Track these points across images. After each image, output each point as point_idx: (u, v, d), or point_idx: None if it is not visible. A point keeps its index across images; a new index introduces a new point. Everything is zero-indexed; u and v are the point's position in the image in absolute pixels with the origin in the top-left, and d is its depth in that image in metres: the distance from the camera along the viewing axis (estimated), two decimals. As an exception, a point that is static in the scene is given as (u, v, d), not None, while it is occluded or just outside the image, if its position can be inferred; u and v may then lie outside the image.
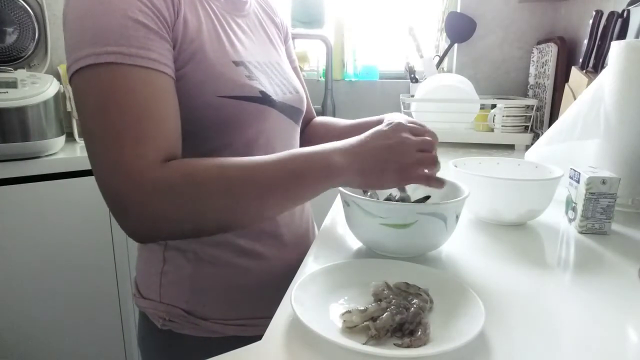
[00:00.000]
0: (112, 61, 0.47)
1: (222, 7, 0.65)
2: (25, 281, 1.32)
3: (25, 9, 1.50)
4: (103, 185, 0.48)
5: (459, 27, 1.76)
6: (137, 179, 0.46)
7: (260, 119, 0.63)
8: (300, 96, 0.73)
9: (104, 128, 0.47)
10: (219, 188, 0.49)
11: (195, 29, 0.57)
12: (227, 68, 0.59)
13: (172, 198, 0.48)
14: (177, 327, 0.65)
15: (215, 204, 0.49)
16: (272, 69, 0.69)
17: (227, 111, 0.59)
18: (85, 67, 0.48)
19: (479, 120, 1.48)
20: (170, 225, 0.50)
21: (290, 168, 0.51)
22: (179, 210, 0.48)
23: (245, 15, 0.70)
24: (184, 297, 0.65)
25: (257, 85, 0.62)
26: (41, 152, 1.32)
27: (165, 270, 0.66)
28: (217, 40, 0.60)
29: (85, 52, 0.48)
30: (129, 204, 0.47)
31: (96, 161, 0.49)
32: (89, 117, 0.48)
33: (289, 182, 0.51)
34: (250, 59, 0.64)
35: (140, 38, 0.49)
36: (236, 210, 0.50)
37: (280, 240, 0.69)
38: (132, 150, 0.47)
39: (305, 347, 0.41)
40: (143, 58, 0.49)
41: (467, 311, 0.44)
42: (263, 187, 0.50)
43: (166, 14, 0.53)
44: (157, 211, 0.48)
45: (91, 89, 0.48)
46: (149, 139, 0.48)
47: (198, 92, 0.56)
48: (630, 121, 0.77)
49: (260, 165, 0.51)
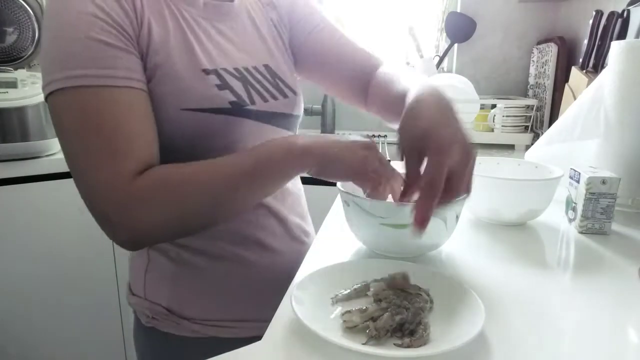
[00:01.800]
0: (80, 84, 0.49)
1: (198, 13, 0.62)
2: (25, 281, 1.32)
3: (25, 9, 1.50)
4: (88, 204, 0.51)
5: (459, 27, 1.76)
6: (116, 195, 0.49)
7: (229, 130, 0.61)
8: (290, 100, 0.70)
9: (79, 149, 0.50)
10: (194, 188, 0.52)
11: (161, 39, 0.56)
12: (195, 79, 0.58)
13: (153, 205, 0.51)
14: (159, 325, 0.66)
15: (192, 206, 0.52)
16: (256, 74, 0.66)
17: (191, 124, 0.58)
18: (56, 91, 0.50)
19: (479, 120, 1.48)
20: (156, 231, 0.53)
21: (253, 156, 0.54)
22: (161, 215, 0.51)
23: (232, 19, 0.66)
24: (166, 295, 0.66)
25: (226, 96, 0.59)
26: (41, 152, 1.32)
27: (149, 268, 0.67)
28: (187, 49, 0.58)
29: (53, 76, 0.50)
30: (114, 219, 0.50)
31: (78, 181, 0.51)
32: (64, 139, 0.51)
33: (254, 170, 0.54)
34: (226, 66, 0.62)
35: (106, 58, 0.51)
36: (212, 208, 0.53)
37: (263, 245, 0.67)
38: (108, 169, 0.49)
39: (305, 347, 0.41)
40: (110, 77, 0.50)
41: (467, 311, 0.44)
42: (230, 180, 0.53)
43: (129, 29, 0.53)
44: (140, 221, 0.51)
45: (63, 112, 0.51)
46: (123, 155, 0.50)
47: (162, 105, 0.56)
48: (630, 121, 0.77)
49: (228, 158, 0.54)
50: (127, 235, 0.52)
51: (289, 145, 0.55)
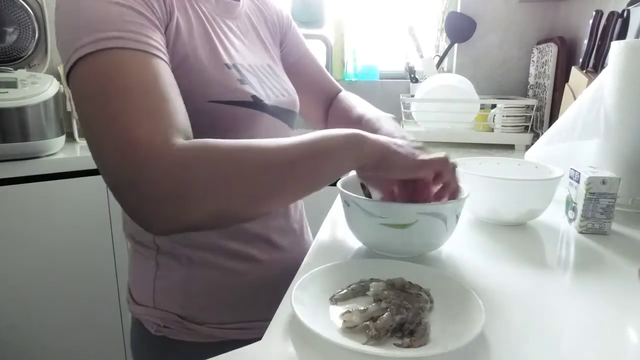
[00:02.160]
0: (112, 46, 0.46)
1: (212, 9, 0.64)
2: (25, 281, 1.32)
3: (25, 9, 1.50)
4: (114, 176, 0.44)
5: (459, 27, 1.76)
6: (156, 156, 0.42)
7: (252, 123, 0.62)
8: (292, 98, 0.73)
9: (112, 111, 0.44)
10: (249, 164, 0.45)
11: (187, 32, 0.57)
12: (219, 72, 0.59)
13: (199, 175, 0.43)
14: (171, 333, 0.65)
15: (245, 182, 0.45)
16: (264, 72, 0.69)
17: (218, 116, 0.58)
18: (86, 56, 0.45)
19: (479, 120, 1.48)
20: (194, 208, 0.43)
21: (313, 139, 0.50)
22: (206, 188, 0.43)
23: (237, 18, 0.69)
24: (179, 303, 0.65)
25: (248, 90, 0.61)
26: (41, 152, 1.32)
27: (158, 276, 0.66)
28: (209, 44, 0.60)
29: (83, 41, 0.46)
30: (148, 187, 0.42)
31: (103, 151, 0.44)
32: (94, 104, 0.45)
33: (314, 151, 0.49)
34: (242, 62, 0.64)
35: (138, 24, 0.49)
36: (265, 188, 0.47)
37: (273, 243, 0.68)
38: (147, 126, 0.43)
39: (305, 347, 0.41)
40: (142, 43, 0.48)
41: (467, 311, 0.44)
42: (291, 156, 0.48)
43: (160, 15, 0.53)
44: (182, 190, 0.42)
45: (93, 76, 0.46)
46: (162, 114, 0.45)
47: (189, 96, 0.55)
48: (630, 121, 0.77)
49: (285, 140, 0.49)
50: (162, 209, 0.43)
51: (352, 134, 0.52)
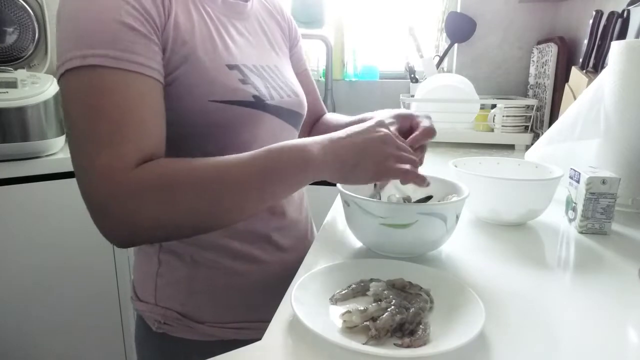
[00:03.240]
0: (97, 64, 0.48)
1: (218, 10, 0.64)
2: (25, 281, 1.32)
3: (25, 9, 1.50)
4: (82, 189, 0.49)
5: (459, 27, 1.76)
6: (113, 181, 0.47)
7: (253, 123, 0.62)
8: (299, 99, 0.73)
9: (83, 131, 0.48)
10: (192, 189, 0.48)
11: (188, 32, 0.57)
12: (220, 72, 0.59)
13: (147, 200, 0.47)
14: (172, 330, 0.65)
15: (189, 206, 0.48)
16: (270, 73, 0.69)
17: (219, 116, 0.58)
18: (72, 69, 0.48)
19: (479, 120, 1.48)
20: (147, 228, 0.49)
21: (263, 164, 0.50)
22: (154, 212, 0.48)
23: (245, 19, 0.69)
24: (180, 300, 0.65)
25: (250, 90, 0.61)
26: (41, 152, 1.32)
27: (160, 273, 0.66)
28: (211, 43, 0.60)
29: (72, 54, 0.48)
30: (106, 207, 0.47)
31: (75, 164, 0.49)
32: (71, 120, 0.49)
33: (263, 178, 0.50)
34: (246, 62, 0.64)
35: (128, 42, 0.49)
36: (211, 211, 0.50)
37: (275, 244, 0.68)
38: (109, 152, 0.47)
39: (305, 347, 0.41)
40: (129, 62, 0.49)
41: (467, 311, 0.44)
42: (236, 185, 0.49)
43: (156, 17, 0.53)
44: (133, 213, 0.47)
45: (75, 91, 0.49)
46: (126, 141, 0.48)
47: (190, 96, 0.56)
48: (630, 121, 0.77)
49: (234, 163, 0.50)
50: (117, 228, 0.48)
51: (304, 158, 0.51)
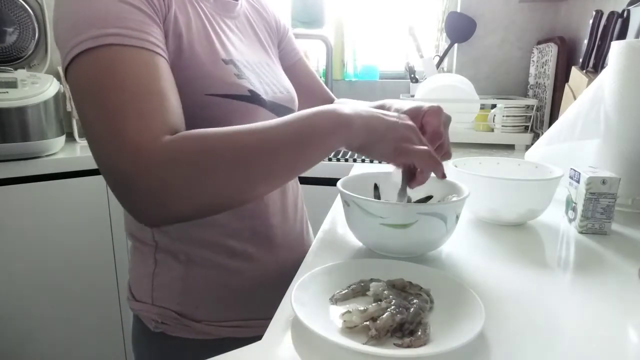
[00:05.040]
0: (111, 42, 0.47)
1: (211, 7, 0.66)
2: (25, 281, 1.32)
3: (25, 9, 1.50)
4: (107, 168, 0.46)
5: (459, 27, 1.76)
6: (143, 153, 0.44)
7: (248, 117, 0.62)
8: (291, 96, 0.73)
9: (105, 108, 0.46)
10: (232, 155, 0.47)
11: (185, 26, 0.58)
12: (216, 66, 0.60)
13: (183, 169, 0.45)
14: (169, 330, 0.65)
15: (225, 173, 0.47)
16: (262, 69, 0.70)
17: (215, 109, 0.59)
18: (85, 52, 0.46)
19: (479, 120, 1.48)
20: (182, 200, 0.46)
21: (298, 124, 0.50)
22: (190, 181, 0.45)
23: (235, 17, 0.70)
24: (176, 299, 0.65)
25: (246, 84, 0.62)
26: (41, 152, 1.32)
27: (156, 272, 0.66)
28: (207, 39, 0.61)
29: (82, 36, 0.47)
30: (137, 181, 0.44)
31: (98, 144, 0.47)
32: (89, 100, 0.47)
33: (300, 141, 0.50)
34: (240, 58, 0.65)
35: (138, 22, 0.49)
36: (248, 178, 0.48)
37: (272, 242, 0.68)
38: (136, 125, 0.45)
39: (305, 347, 0.41)
40: (142, 40, 0.49)
41: (467, 311, 0.44)
42: (273, 148, 0.49)
43: (158, 7, 0.54)
44: (167, 184, 0.45)
45: (91, 71, 0.47)
46: (152, 113, 0.47)
47: (186, 89, 0.56)
48: (630, 121, 0.77)
49: (269, 126, 0.50)
50: (149, 203, 0.45)
51: (338, 117, 0.52)
